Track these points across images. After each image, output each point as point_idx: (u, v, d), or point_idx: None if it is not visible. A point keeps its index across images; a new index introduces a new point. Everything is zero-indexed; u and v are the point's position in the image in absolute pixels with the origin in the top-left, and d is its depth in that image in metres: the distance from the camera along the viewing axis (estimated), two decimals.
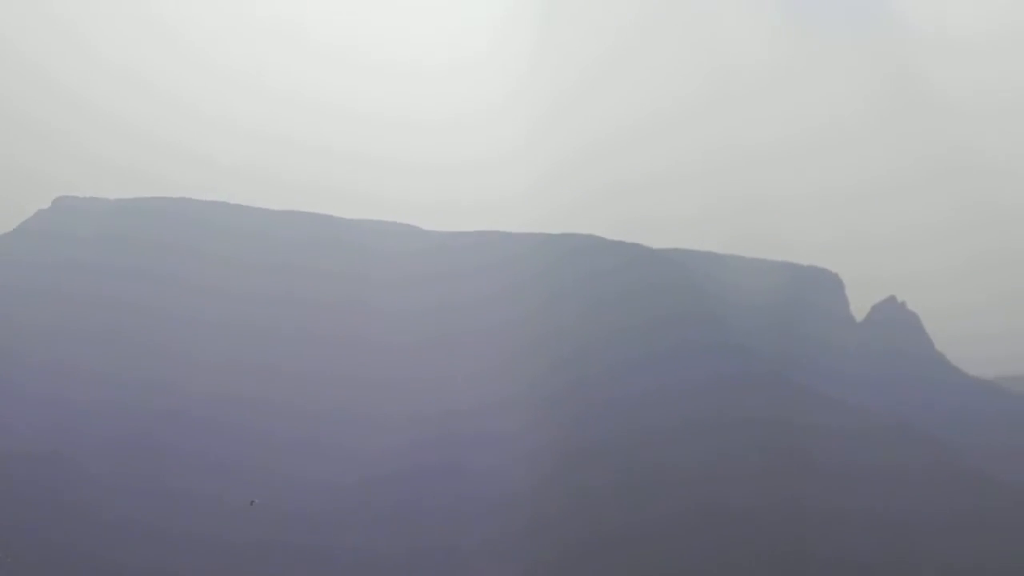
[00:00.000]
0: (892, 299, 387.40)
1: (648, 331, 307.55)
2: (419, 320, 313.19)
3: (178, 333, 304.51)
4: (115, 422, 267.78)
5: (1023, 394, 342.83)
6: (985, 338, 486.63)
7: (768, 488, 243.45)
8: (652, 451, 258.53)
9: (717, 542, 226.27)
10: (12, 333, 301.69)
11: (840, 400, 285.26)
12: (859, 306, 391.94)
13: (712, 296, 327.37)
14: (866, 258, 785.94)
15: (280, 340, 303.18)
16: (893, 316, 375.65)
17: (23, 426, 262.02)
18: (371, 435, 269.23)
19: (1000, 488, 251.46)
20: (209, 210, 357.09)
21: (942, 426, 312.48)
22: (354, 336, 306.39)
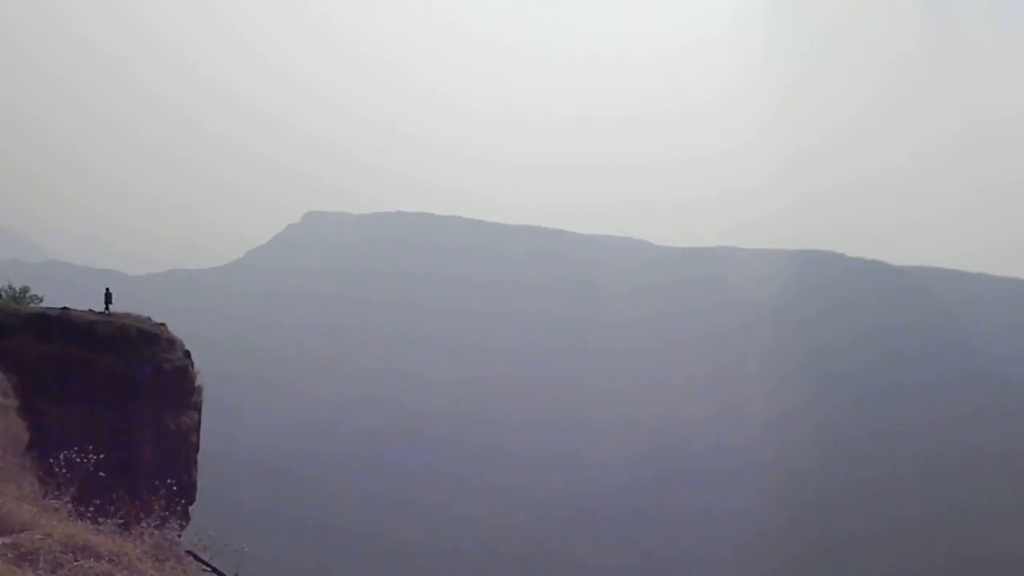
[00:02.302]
0: None
1: (879, 339, 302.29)
2: (652, 328, 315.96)
3: (413, 347, 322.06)
4: (354, 437, 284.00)
5: None
6: None
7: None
8: (883, 462, 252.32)
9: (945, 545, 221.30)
10: (268, 331, 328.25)
11: None
12: None
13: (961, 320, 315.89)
14: None
15: (512, 356, 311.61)
16: None
17: (272, 428, 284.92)
18: (600, 445, 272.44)
19: None
20: (445, 224, 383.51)
21: None
22: (584, 347, 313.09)
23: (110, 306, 43.86)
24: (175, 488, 18.96)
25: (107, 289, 45.73)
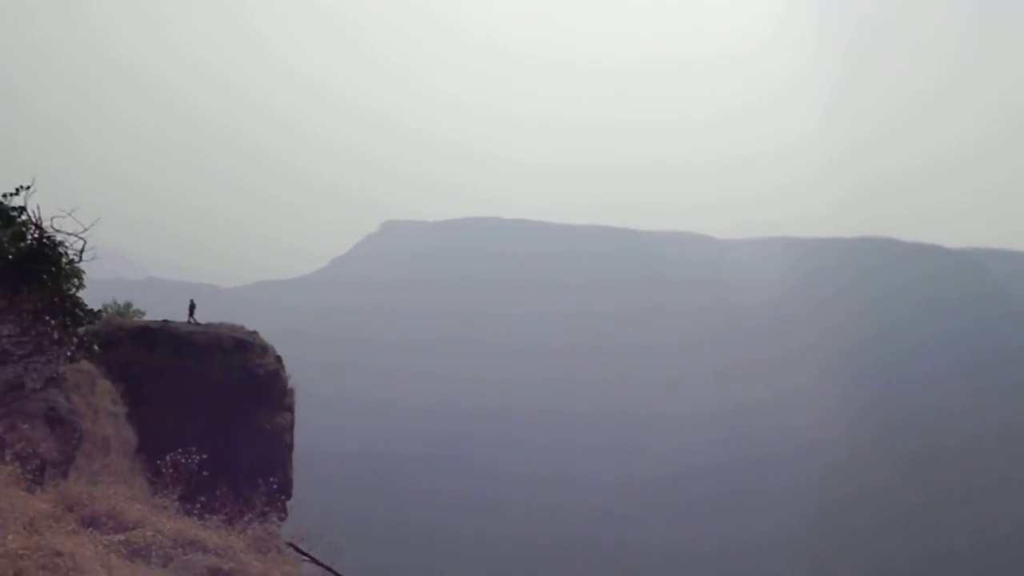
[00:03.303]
0: None
1: (929, 321, 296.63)
2: (711, 318, 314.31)
3: (487, 350, 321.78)
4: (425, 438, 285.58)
5: None
6: None
7: None
8: (935, 442, 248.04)
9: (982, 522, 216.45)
10: (348, 340, 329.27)
11: None
12: None
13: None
14: None
15: (580, 352, 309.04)
16: None
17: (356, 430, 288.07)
18: (674, 434, 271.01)
19: None
20: (513, 227, 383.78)
21: None
22: (652, 341, 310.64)
23: (194, 315, 44.86)
24: (274, 485, 19.13)
25: (191, 301, 46.85)
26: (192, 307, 45.57)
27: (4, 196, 16.06)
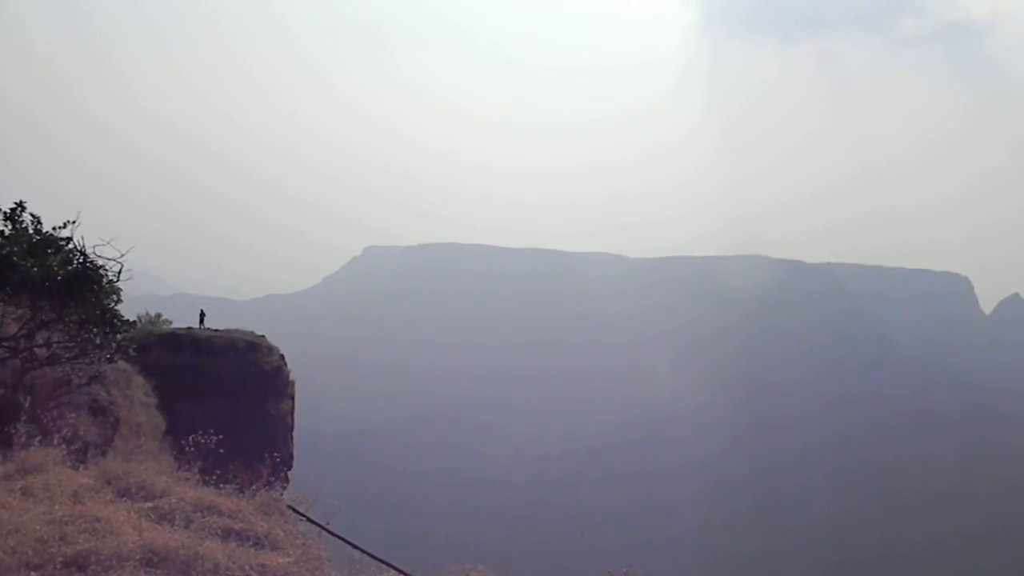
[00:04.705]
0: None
1: (802, 331, 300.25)
2: (629, 325, 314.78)
3: (452, 346, 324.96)
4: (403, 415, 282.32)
5: None
6: None
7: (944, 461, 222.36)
8: (804, 429, 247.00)
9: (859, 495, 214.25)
10: (340, 341, 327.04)
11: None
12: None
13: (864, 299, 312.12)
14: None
15: (517, 350, 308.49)
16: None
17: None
18: (593, 416, 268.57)
19: None
20: (470, 251, 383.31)
21: None
22: (577, 341, 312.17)
23: (203, 323, 43.94)
24: (278, 459, 18.86)
25: (201, 311, 45.88)
26: (202, 316, 44.61)
27: (54, 229, 16.14)
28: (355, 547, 11.87)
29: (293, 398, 42.75)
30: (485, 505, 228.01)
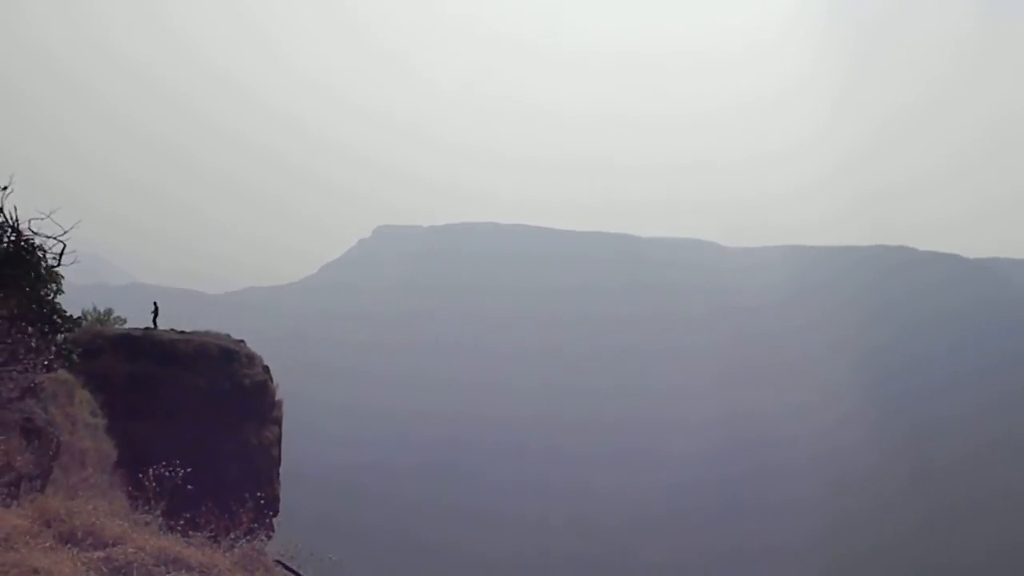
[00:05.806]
0: None
1: (943, 329, 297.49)
2: (719, 325, 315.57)
3: (484, 356, 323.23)
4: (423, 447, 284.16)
5: None
6: None
7: None
8: (949, 452, 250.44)
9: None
10: (337, 344, 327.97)
11: None
12: None
13: None
14: None
15: (580, 358, 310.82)
16: None
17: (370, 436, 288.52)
18: (679, 442, 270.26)
19: None
20: (512, 232, 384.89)
21: None
22: (657, 348, 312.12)
23: (156, 322, 43.25)
24: (261, 500, 19.05)
25: (155, 303, 44.80)
26: (155, 311, 43.86)
27: None
28: None
29: (280, 423, 43.02)
30: (534, 554, 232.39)
